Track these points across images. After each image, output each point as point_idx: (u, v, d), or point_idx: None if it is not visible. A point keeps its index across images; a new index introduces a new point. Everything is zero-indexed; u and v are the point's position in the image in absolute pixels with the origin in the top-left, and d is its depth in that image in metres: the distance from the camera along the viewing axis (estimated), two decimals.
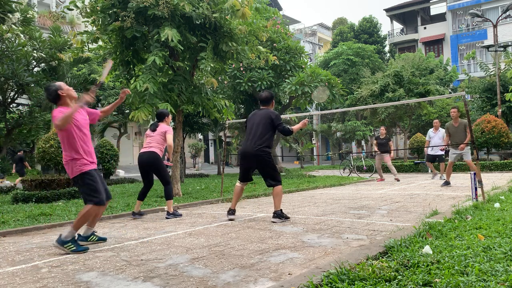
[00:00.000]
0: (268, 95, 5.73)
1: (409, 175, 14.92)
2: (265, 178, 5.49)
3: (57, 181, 9.19)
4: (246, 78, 14.73)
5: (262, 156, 5.38)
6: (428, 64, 22.96)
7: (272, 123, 5.43)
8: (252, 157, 5.43)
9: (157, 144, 6.15)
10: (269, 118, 5.44)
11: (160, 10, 7.25)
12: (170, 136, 6.15)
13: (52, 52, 13.38)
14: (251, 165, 5.58)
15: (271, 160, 5.46)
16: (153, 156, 6.06)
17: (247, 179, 5.70)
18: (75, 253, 3.90)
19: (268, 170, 5.43)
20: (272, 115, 5.47)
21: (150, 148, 6.10)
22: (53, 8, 28.61)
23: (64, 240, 3.92)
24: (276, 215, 5.36)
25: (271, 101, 5.74)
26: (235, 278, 2.90)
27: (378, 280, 2.40)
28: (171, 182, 6.30)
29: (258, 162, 5.44)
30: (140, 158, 6.17)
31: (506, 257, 2.70)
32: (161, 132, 6.19)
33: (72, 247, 3.92)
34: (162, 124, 6.31)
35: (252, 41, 8.75)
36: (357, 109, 10.26)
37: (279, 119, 5.47)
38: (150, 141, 6.16)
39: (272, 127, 5.46)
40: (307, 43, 42.25)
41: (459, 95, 6.59)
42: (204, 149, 31.77)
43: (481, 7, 34.22)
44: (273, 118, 5.44)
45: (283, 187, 10.43)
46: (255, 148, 5.38)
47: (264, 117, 5.47)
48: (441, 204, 6.37)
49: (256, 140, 5.40)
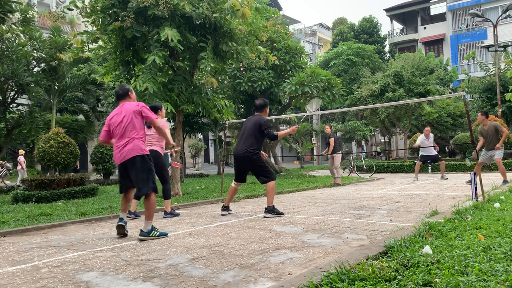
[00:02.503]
0: (261, 102, 6.21)
1: (409, 175, 14.92)
2: (258, 177, 5.94)
3: (57, 181, 9.20)
4: (246, 78, 14.73)
5: (249, 156, 5.84)
6: (428, 64, 22.95)
7: (260, 129, 5.90)
8: (241, 159, 5.94)
9: (157, 142, 6.15)
10: (258, 124, 5.92)
11: (160, 10, 7.25)
12: (167, 131, 6.13)
13: (52, 52, 13.38)
14: (243, 166, 6.06)
15: (259, 159, 5.91)
16: (155, 155, 6.05)
17: (241, 180, 6.20)
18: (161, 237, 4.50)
19: (258, 169, 5.89)
20: (261, 121, 5.96)
21: (151, 147, 6.08)
22: (53, 8, 28.61)
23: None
24: (267, 210, 5.81)
25: (264, 108, 6.17)
26: (235, 278, 2.90)
27: (378, 280, 2.40)
28: (169, 182, 6.31)
29: (247, 163, 5.92)
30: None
31: (506, 257, 2.70)
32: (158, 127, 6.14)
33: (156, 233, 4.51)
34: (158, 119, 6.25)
35: (252, 41, 8.75)
36: (357, 109, 10.28)
37: (266, 125, 5.94)
38: (150, 139, 6.13)
39: (260, 132, 5.92)
40: (307, 43, 42.25)
41: (459, 95, 6.59)
42: (204, 149, 31.77)
43: (481, 7, 34.21)
44: (261, 124, 5.91)
45: (283, 187, 10.45)
46: (242, 151, 5.89)
47: (254, 123, 5.97)
48: (441, 204, 6.37)
49: (243, 143, 5.93)
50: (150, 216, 4.54)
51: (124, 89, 4.81)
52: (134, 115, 4.57)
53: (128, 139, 4.53)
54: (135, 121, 4.57)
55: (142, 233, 4.47)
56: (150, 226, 4.52)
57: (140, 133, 4.61)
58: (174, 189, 8.81)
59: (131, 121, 4.55)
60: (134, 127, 4.56)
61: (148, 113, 4.65)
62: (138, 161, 4.50)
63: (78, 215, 6.34)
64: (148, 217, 4.53)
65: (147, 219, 4.52)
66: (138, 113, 4.60)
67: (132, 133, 4.54)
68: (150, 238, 4.44)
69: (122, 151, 4.54)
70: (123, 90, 4.80)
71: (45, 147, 9.54)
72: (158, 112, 6.31)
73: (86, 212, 6.53)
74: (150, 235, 4.46)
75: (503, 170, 8.91)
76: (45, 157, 9.51)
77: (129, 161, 4.51)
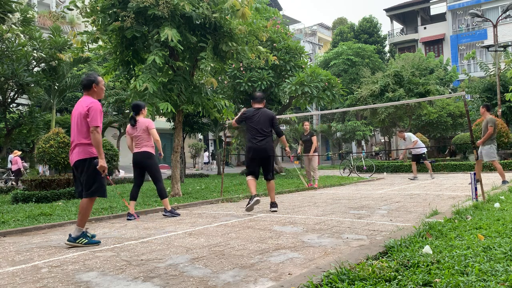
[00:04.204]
0: (262, 95, 6.73)
1: (409, 175, 14.92)
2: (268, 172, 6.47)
3: (57, 181, 9.20)
4: (246, 78, 14.73)
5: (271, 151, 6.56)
6: (428, 64, 22.97)
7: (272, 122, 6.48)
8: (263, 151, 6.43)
9: (147, 142, 6.16)
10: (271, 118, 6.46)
11: (160, 10, 7.24)
12: (153, 131, 6.16)
13: (52, 52, 13.37)
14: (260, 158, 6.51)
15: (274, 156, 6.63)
16: (147, 156, 6.12)
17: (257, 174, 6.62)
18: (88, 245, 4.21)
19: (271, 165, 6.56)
20: (273, 115, 6.51)
21: (142, 148, 6.13)
22: (53, 8, 28.61)
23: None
24: (275, 204, 6.40)
25: (264, 100, 6.72)
26: (235, 278, 2.90)
27: (378, 280, 2.40)
28: (162, 182, 6.31)
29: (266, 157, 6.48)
30: (135, 158, 6.20)
31: (506, 257, 2.70)
32: (143, 129, 6.14)
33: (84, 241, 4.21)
34: (141, 118, 6.22)
35: (252, 41, 8.75)
36: (357, 109, 10.28)
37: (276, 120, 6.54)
38: (139, 142, 6.16)
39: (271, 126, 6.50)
40: (307, 43, 42.23)
41: (459, 95, 6.59)
42: (204, 149, 31.77)
43: (481, 7, 34.22)
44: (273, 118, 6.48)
45: (283, 187, 10.46)
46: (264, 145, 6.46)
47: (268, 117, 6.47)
48: (441, 204, 6.37)
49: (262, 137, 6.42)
50: (80, 222, 4.24)
51: (88, 79, 4.40)
52: (81, 117, 4.24)
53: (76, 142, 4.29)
54: (83, 124, 4.24)
55: (69, 238, 4.21)
56: (79, 232, 4.22)
57: (88, 137, 4.24)
58: (174, 189, 8.81)
59: (79, 122, 4.25)
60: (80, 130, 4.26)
61: (93, 116, 4.20)
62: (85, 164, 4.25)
63: None
64: (79, 223, 4.25)
65: (77, 225, 4.25)
66: (84, 116, 4.22)
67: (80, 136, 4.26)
68: (76, 245, 4.16)
69: (71, 153, 4.34)
70: (87, 80, 4.39)
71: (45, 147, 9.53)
72: (141, 111, 6.26)
73: None
74: (77, 242, 4.17)
75: (500, 170, 8.88)
76: (45, 157, 9.51)
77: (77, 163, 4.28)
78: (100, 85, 4.43)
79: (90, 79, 4.38)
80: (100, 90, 4.45)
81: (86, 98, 4.35)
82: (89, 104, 4.23)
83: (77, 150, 4.27)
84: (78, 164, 4.27)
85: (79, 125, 4.26)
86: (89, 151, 4.25)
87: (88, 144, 4.24)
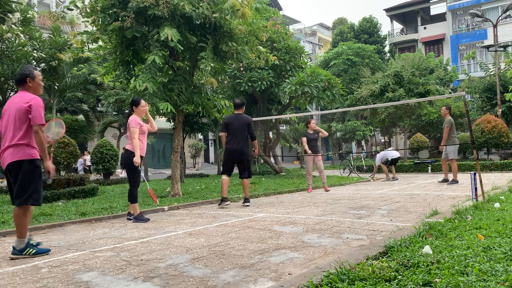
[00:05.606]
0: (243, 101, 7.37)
1: (409, 175, 14.92)
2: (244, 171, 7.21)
3: (57, 181, 9.20)
4: (246, 78, 14.72)
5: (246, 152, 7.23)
6: (428, 64, 22.94)
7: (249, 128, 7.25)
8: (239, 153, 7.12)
9: (130, 140, 5.83)
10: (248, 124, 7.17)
11: (160, 10, 7.25)
12: (132, 129, 5.71)
13: (52, 52, 13.36)
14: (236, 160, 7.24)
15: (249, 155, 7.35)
16: (127, 154, 5.77)
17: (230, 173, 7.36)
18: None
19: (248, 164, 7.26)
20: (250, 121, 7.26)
21: (126, 146, 5.87)
22: (53, 8, 28.61)
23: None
24: (248, 200, 7.17)
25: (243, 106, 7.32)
26: (235, 278, 2.90)
27: (378, 280, 2.40)
28: (137, 186, 5.85)
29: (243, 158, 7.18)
30: (121, 156, 6.02)
31: (506, 257, 2.70)
32: (128, 127, 5.85)
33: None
34: (132, 115, 5.93)
35: (252, 41, 8.75)
36: (357, 109, 10.26)
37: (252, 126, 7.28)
38: (127, 137, 5.92)
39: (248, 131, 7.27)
40: (307, 43, 42.24)
41: (459, 95, 6.59)
42: (204, 149, 31.75)
43: (481, 7, 34.20)
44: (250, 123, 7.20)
45: (283, 187, 10.47)
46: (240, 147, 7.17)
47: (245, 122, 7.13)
48: (441, 204, 6.37)
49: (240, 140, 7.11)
50: (20, 234, 3.83)
51: (22, 73, 3.92)
52: (19, 114, 3.78)
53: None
54: (21, 122, 3.78)
55: (14, 251, 3.80)
56: (23, 244, 3.80)
57: (26, 136, 3.81)
58: (174, 189, 8.81)
59: (17, 120, 3.79)
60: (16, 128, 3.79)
61: (36, 114, 3.77)
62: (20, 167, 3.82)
63: (78, 215, 6.34)
64: (18, 234, 3.83)
65: (18, 237, 3.83)
66: (24, 113, 3.77)
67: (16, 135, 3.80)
68: (23, 256, 3.77)
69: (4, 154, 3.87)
70: (21, 74, 3.91)
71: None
72: (134, 107, 5.96)
73: (86, 212, 6.53)
74: (24, 254, 3.78)
75: (448, 169, 9.23)
76: None
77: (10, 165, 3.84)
78: (36, 79, 3.94)
79: (24, 73, 3.90)
80: (37, 85, 3.97)
81: (23, 94, 3.88)
82: (29, 100, 3.78)
83: (11, 151, 3.78)
84: (12, 167, 3.80)
85: (16, 123, 3.79)
86: (26, 152, 3.79)
87: (26, 144, 3.79)
